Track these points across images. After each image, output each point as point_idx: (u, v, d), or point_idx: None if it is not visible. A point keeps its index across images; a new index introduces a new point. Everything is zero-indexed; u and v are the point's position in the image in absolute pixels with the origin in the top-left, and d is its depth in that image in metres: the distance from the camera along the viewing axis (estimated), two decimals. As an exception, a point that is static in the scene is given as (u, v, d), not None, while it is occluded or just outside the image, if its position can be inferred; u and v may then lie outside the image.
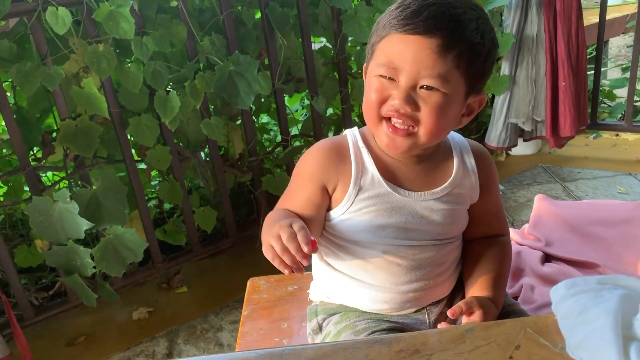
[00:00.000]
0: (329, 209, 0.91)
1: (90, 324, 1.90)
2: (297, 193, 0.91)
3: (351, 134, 0.92)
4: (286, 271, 0.76)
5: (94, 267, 1.67)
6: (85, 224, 1.60)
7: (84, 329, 1.88)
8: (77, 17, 1.63)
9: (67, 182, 1.82)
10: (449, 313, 0.85)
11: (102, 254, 1.68)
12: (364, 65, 0.90)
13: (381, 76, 0.81)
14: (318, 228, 0.92)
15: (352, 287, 0.94)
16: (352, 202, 0.88)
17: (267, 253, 0.79)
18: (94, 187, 1.72)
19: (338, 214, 0.90)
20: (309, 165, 0.90)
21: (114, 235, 1.70)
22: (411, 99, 0.79)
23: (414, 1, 0.79)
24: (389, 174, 0.88)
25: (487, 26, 0.81)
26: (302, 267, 0.76)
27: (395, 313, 0.94)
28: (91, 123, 1.70)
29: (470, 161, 0.92)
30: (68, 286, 1.78)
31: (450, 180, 0.90)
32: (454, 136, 0.95)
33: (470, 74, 0.81)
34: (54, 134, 1.79)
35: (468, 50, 0.79)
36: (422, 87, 0.79)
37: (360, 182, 0.87)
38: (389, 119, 0.82)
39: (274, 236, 0.78)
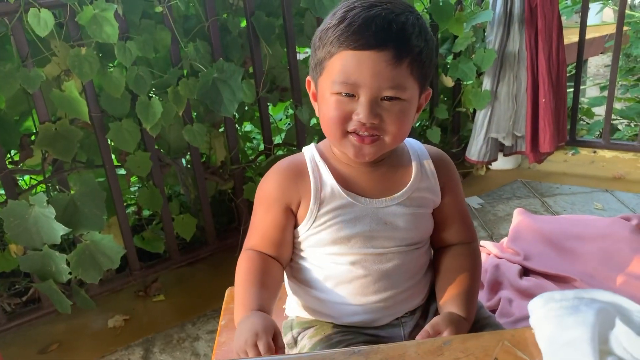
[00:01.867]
0: (296, 226, 0.91)
1: (64, 332, 1.87)
2: (264, 219, 0.91)
3: (308, 151, 0.93)
4: None
5: (70, 273, 1.64)
6: (61, 229, 1.58)
7: (57, 337, 1.85)
8: (59, 20, 1.61)
9: (44, 186, 1.79)
10: (418, 337, 0.85)
11: (78, 260, 1.65)
12: (308, 78, 0.90)
13: (338, 93, 0.82)
14: (289, 249, 0.93)
15: (324, 301, 0.93)
16: (315, 217, 0.88)
17: (238, 355, 0.80)
18: (72, 192, 1.69)
19: (304, 231, 0.90)
20: (270, 188, 0.91)
21: (91, 241, 1.67)
22: (375, 112, 0.80)
23: (356, 15, 0.79)
24: (348, 184, 0.89)
25: (425, 26, 0.83)
26: None
27: (369, 325, 0.94)
28: (71, 127, 1.68)
29: (429, 164, 0.93)
30: (42, 292, 1.75)
31: (409, 184, 0.91)
32: (412, 143, 0.96)
33: (422, 76, 0.83)
34: (33, 137, 1.76)
35: (418, 56, 0.81)
36: (382, 98, 0.81)
37: (321, 196, 0.88)
38: (353, 132, 0.83)
39: (241, 350, 0.78)
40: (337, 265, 0.90)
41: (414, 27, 0.80)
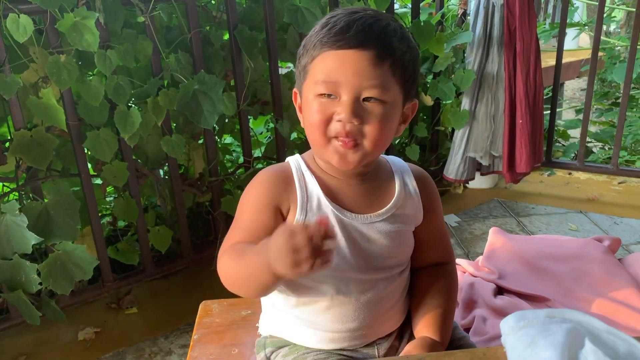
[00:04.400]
0: None
1: (32, 344, 1.82)
2: (253, 222, 0.87)
3: (294, 160, 0.91)
4: (330, 263, 0.70)
5: (40, 284, 1.60)
6: (33, 238, 1.54)
7: (25, 349, 1.80)
8: (39, 26, 1.60)
9: (17, 194, 1.75)
10: None
11: (49, 270, 1.62)
12: (294, 89, 0.90)
13: (320, 95, 0.81)
14: None
15: (300, 327, 0.92)
16: None
17: (300, 270, 0.69)
18: (46, 201, 1.66)
19: None
20: (260, 191, 0.88)
21: (63, 251, 1.64)
22: (356, 112, 0.80)
23: (339, 19, 0.81)
24: (334, 197, 0.88)
25: (407, 34, 0.84)
26: (332, 251, 0.71)
27: (344, 348, 0.93)
28: (47, 134, 1.65)
29: (412, 182, 0.93)
30: (10, 303, 1.70)
31: (393, 200, 0.90)
32: (394, 160, 0.96)
33: (404, 80, 0.83)
34: (7, 144, 1.73)
35: (400, 59, 0.81)
36: (364, 99, 0.80)
37: (307, 207, 0.86)
38: (336, 137, 0.82)
39: (290, 252, 0.68)
40: (320, 290, 0.88)
41: (396, 32, 0.81)
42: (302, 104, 0.87)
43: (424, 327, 0.92)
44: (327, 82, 0.80)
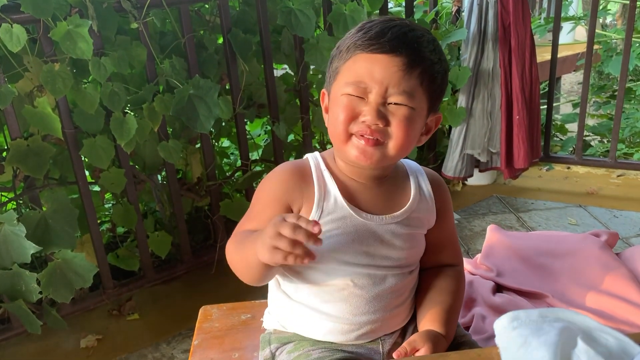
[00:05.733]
0: None
1: (34, 353, 1.82)
2: (262, 213, 0.89)
3: (313, 158, 0.93)
4: (306, 260, 0.75)
5: (40, 293, 1.60)
6: (32, 248, 1.55)
7: (27, 358, 1.80)
8: (33, 35, 1.60)
9: (14, 203, 1.76)
10: (394, 355, 0.86)
11: (49, 278, 1.62)
12: (323, 90, 0.92)
13: (349, 95, 0.83)
14: None
15: (309, 317, 0.93)
16: None
17: (274, 257, 0.75)
18: (44, 209, 1.67)
19: None
20: (274, 185, 0.90)
21: (62, 260, 1.64)
22: (382, 114, 0.82)
23: (375, 24, 0.83)
24: (351, 197, 0.89)
25: (440, 49, 0.86)
26: (313, 254, 0.75)
27: (350, 343, 0.94)
28: (43, 143, 1.66)
29: (427, 186, 0.95)
30: (11, 312, 1.71)
31: (409, 204, 0.92)
32: (410, 163, 0.97)
33: (432, 91, 0.85)
34: (4, 154, 1.73)
35: (429, 69, 0.83)
36: (390, 103, 0.82)
37: (323, 205, 0.88)
38: (358, 133, 0.84)
39: (272, 236, 0.74)
40: (330, 282, 0.90)
41: (429, 44, 0.83)
42: (330, 103, 0.88)
43: (429, 322, 0.93)
44: (356, 83, 0.82)
